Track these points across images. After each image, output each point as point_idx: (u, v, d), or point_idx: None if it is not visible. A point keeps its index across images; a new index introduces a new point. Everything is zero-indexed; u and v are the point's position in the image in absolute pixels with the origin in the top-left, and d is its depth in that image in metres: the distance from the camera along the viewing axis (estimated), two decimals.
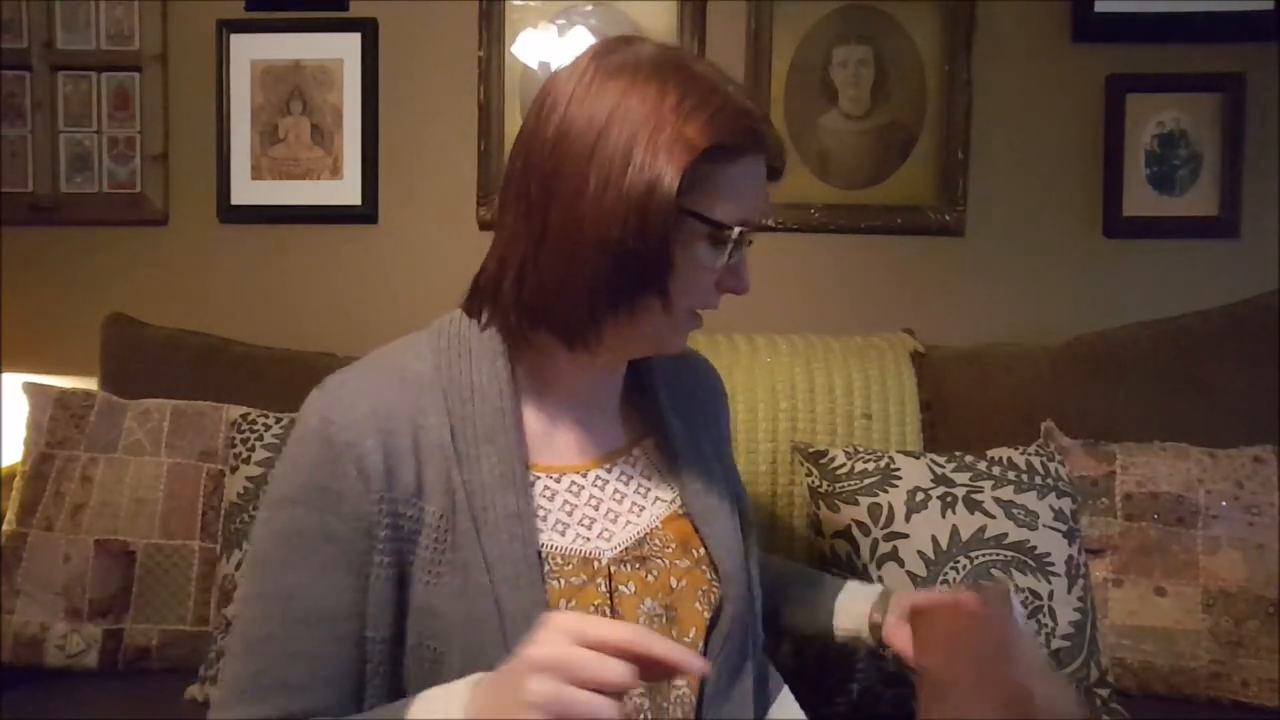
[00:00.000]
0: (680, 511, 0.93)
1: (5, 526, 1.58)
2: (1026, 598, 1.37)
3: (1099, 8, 1.95)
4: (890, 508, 1.43)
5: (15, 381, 1.73)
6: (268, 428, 1.58)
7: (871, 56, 2.01)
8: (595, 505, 0.89)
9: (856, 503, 1.45)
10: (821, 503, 1.48)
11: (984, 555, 1.40)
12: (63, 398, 1.65)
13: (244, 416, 1.61)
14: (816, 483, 1.50)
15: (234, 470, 1.56)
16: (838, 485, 1.47)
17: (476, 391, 0.84)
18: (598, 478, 0.91)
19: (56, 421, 1.63)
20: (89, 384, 1.81)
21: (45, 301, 2.09)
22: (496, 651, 0.74)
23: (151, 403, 1.66)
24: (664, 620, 0.86)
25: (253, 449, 1.55)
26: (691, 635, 0.86)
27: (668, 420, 0.96)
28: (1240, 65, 1.94)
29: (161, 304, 1.99)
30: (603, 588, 0.84)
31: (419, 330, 0.92)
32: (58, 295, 2.09)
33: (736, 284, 0.86)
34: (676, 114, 0.78)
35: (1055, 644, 1.36)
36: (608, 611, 0.84)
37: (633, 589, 0.86)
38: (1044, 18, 1.98)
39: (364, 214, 2.08)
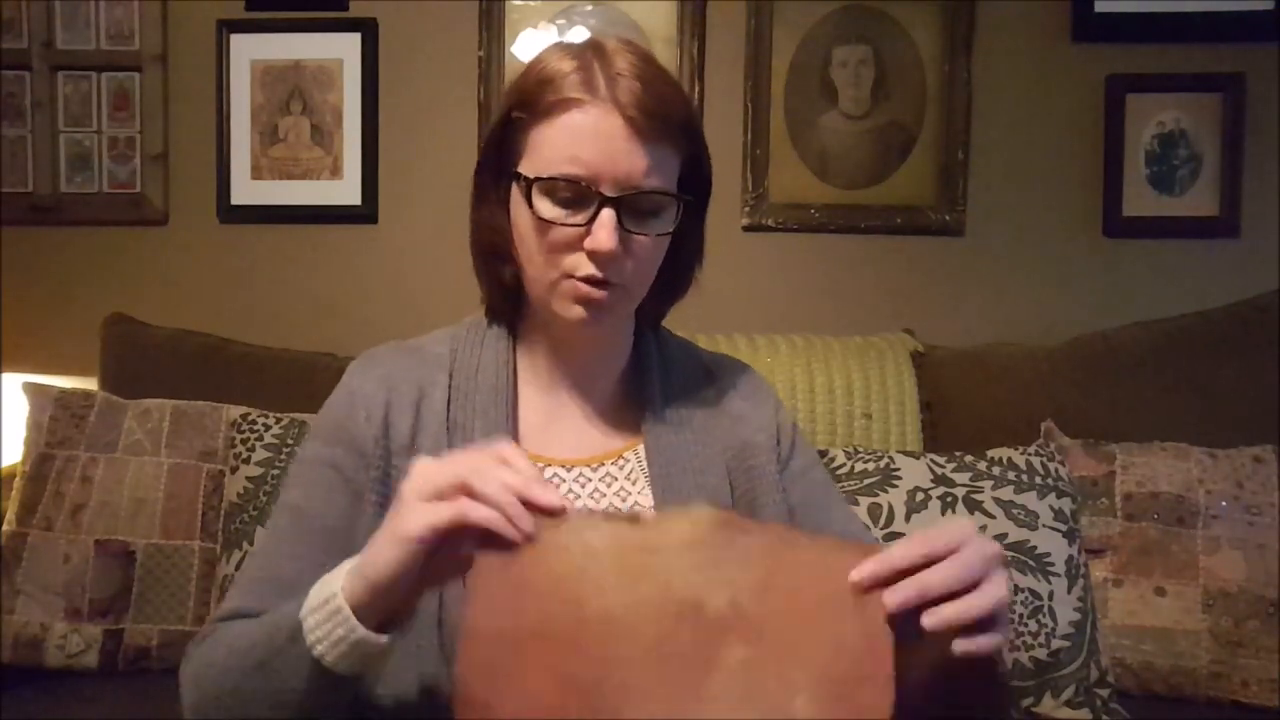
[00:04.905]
0: None
1: (5, 526, 1.57)
2: (1026, 597, 1.38)
3: (1099, 8, 1.95)
4: (890, 508, 1.43)
5: (15, 381, 1.73)
6: (268, 428, 1.57)
7: (871, 56, 2.01)
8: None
9: (856, 503, 1.45)
10: None
11: None
12: (63, 398, 1.65)
13: (244, 416, 1.60)
14: None
15: (234, 470, 1.55)
16: (838, 485, 1.47)
17: (480, 372, 0.93)
18: (581, 474, 0.92)
19: (56, 421, 1.62)
20: (89, 384, 1.81)
21: (45, 301, 2.09)
22: (454, 602, 0.81)
23: (151, 403, 1.66)
24: None
25: (253, 449, 1.55)
26: None
27: (654, 429, 0.94)
28: (1240, 65, 1.94)
29: (161, 304, 1.99)
30: None
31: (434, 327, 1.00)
32: (58, 295, 2.09)
33: (591, 242, 0.83)
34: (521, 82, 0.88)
35: (1055, 644, 1.36)
36: None
37: None
38: (1044, 18, 1.99)
39: (364, 214, 2.08)
